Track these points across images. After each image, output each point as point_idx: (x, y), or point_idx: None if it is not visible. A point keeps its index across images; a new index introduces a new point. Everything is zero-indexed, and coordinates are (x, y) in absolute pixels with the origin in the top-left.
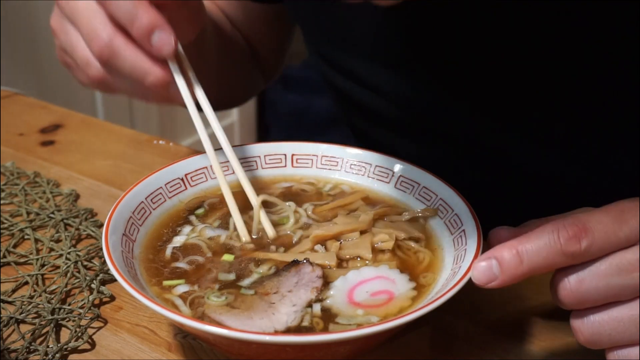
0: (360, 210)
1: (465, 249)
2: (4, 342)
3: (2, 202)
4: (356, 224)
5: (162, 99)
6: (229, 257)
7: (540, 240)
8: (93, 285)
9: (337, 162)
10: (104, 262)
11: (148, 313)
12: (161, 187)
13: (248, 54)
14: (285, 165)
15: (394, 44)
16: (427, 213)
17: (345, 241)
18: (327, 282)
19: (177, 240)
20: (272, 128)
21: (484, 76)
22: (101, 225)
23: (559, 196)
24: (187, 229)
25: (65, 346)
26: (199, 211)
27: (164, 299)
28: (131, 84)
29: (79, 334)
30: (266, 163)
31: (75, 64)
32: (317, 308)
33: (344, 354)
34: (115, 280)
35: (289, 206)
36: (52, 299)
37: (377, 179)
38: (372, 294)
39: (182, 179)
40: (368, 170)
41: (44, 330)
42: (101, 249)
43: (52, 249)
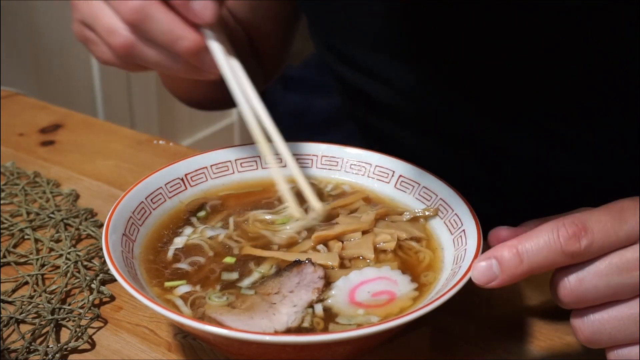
0: (361, 211)
1: (465, 249)
2: (4, 342)
3: (2, 202)
4: (358, 224)
5: (191, 69)
6: (230, 260)
7: (540, 239)
8: (93, 285)
9: (337, 162)
10: (104, 262)
11: (148, 313)
12: (161, 187)
13: (248, 52)
14: (286, 165)
15: (400, 35)
16: (427, 213)
17: (348, 241)
18: (328, 282)
19: (178, 242)
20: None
21: (488, 72)
22: (101, 225)
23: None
24: (188, 230)
25: (65, 346)
26: (201, 213)
27: (165, 300)
28: (159, 52)
29: (79, 334)
30: (266, 163)
31: (96, 36)
32: (319, 308)
33: (344, 354)
34: (115, 280)
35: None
36: (52, 299)
37: (377, 179)
38: (374, 294)
39: (182, 179)
40: (368, 170)
41: (44, 330)
42: (101, 249)
43: (52, 249)
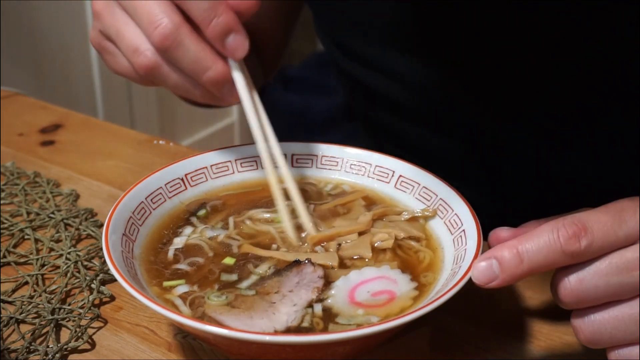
0: (358, 212)
1: (465, 249)
2: (4, 342)
3: (2, 202)
4: (354, 226)
5: (209, 96)
6: (230, 260)
7: (540, 239)
8: (93, 285)
9: (337, 162)
10: (104, 262)
11: (148, 313)
12: (161, 187)
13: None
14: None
15: (407, 29)
16: (426, 213)
17: (344, 243)
18: (328, 282)
19: (178, 242)
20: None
21: (492, 70)
22: (101, 225)
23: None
24: (188, 230)
25: (65, 346)
26: (201, 212)
27: (164, 300)
28: (182, 77)
29: (79, 334)
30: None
31: (116, 49)
32: (318, 308)
33: (343, 354)
34: (115, 280)
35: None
36: (52, 299)
37: (377, 179)
38: (374, 294)
39: (182, 179)
40: (368, 170)
41: (44, 330)
42: (101, 249)
43: (52, 249)
